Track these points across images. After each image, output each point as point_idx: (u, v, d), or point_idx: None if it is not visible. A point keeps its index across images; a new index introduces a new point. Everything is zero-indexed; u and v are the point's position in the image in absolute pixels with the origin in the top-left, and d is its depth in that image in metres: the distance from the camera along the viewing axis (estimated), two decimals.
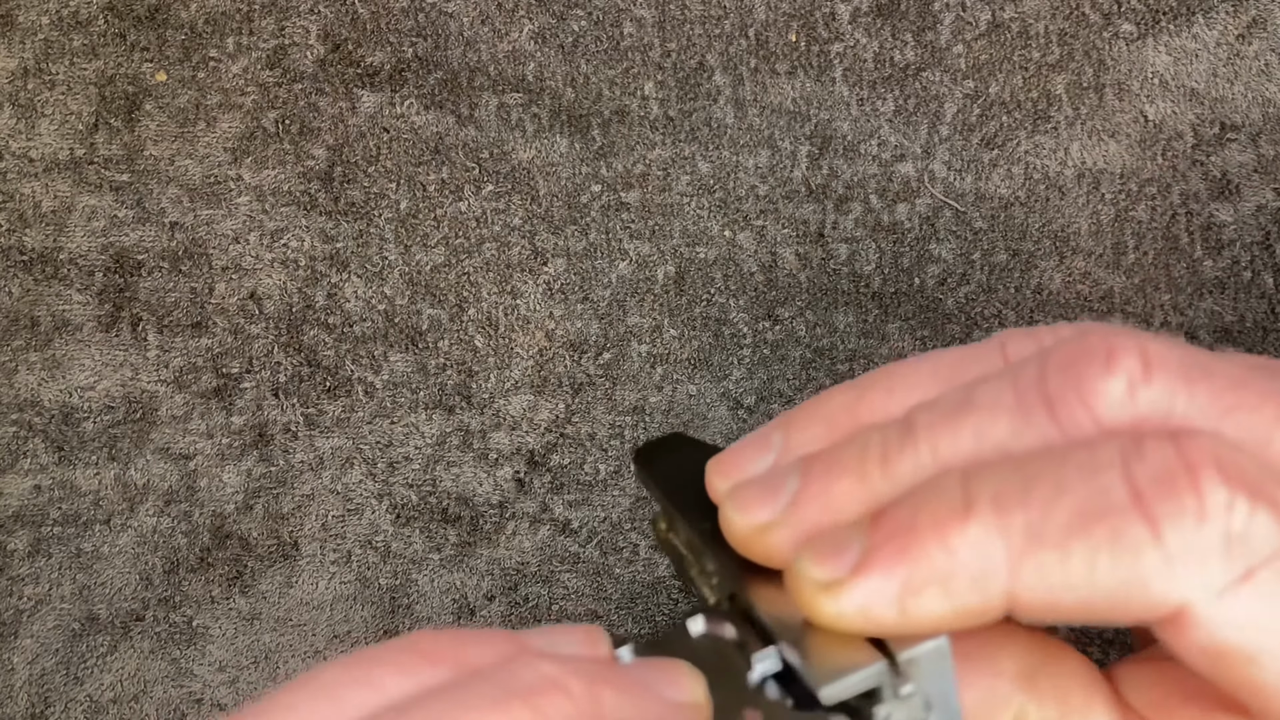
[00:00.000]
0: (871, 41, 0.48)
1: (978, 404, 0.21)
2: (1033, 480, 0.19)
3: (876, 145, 0.47)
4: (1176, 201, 0.46)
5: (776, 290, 0.47)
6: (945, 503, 0.20)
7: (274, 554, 0.46)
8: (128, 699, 0.46)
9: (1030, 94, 0.47)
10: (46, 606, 0.46)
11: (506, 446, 0.46)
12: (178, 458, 0.47)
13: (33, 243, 0.48)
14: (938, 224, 0.47)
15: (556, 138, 0.48)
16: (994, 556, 0.19)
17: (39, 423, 0.47)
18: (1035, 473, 0.20)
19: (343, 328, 0.47)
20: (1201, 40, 0.47)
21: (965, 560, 0.19)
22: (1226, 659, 0.19)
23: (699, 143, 0.48)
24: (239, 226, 0.48)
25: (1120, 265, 0.46)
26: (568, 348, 0.47)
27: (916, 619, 0.20)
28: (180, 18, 0.49)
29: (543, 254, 0.47)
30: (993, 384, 0.21)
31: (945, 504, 0.20)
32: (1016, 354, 0.22)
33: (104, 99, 0.49)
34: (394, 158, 0.48)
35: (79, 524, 0.47)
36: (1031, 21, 0.47)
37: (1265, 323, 0.46)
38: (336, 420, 0.47)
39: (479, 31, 0.49)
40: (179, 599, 0.46)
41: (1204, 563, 0.18)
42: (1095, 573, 0.19)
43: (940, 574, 0.19)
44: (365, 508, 0.46)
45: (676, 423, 0.46)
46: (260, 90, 0.49)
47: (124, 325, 0.48)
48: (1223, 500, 0.18)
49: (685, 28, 0.48)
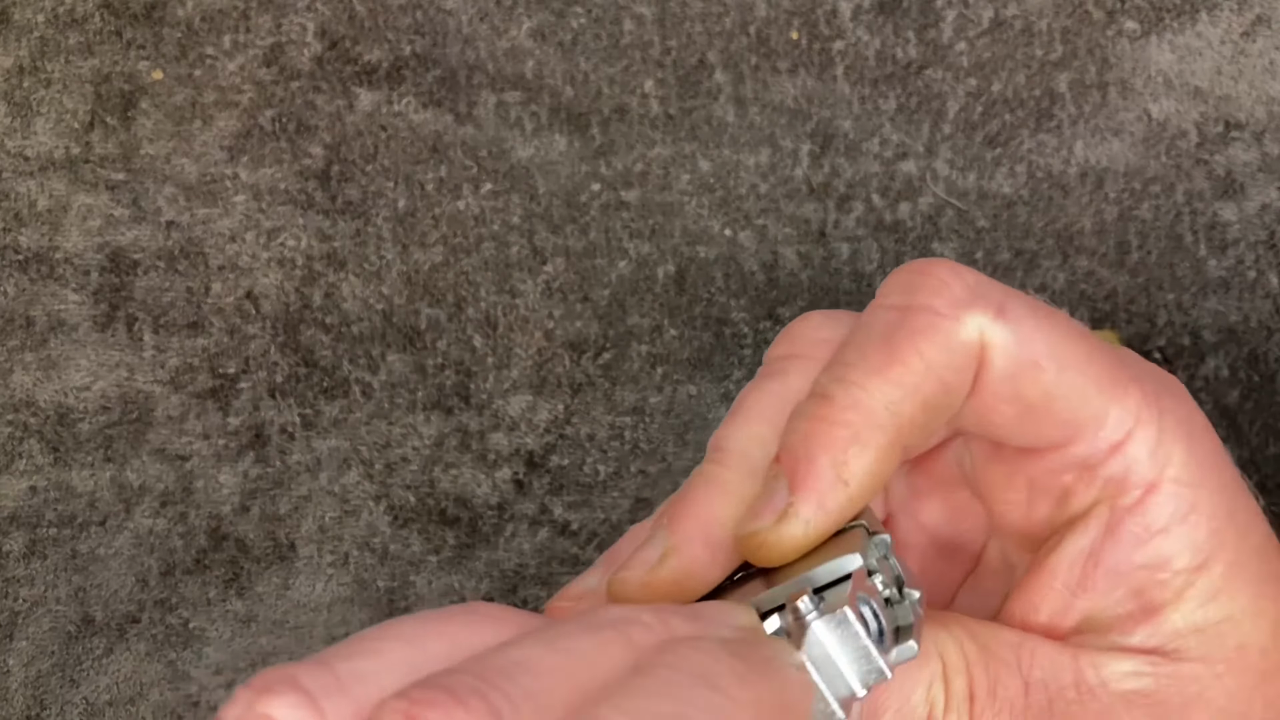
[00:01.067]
0: (873, 39, 0.47)
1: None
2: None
3: (878, 143, 0.47)
4: (1180, 200, 0.46)
5: (778, 290, 0.46)
6: (818, 436, 0.25)
7: (271, 556, 0.46)
8: (124, 701, 0.46)
9: (1033, 92, 0.47)
10: (42, 609, 0.46)
11: (505, 447, 0.46)
12: (174, 459, 0.47)
13: (28, 242, 0.48)
14: (940, 223, 0.46)
15: (555, 136, 0.48)
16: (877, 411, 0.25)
17: (34, 423, 0.47)
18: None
19: (340, 328, 0.47)
20: (1206, 38, 0.47)
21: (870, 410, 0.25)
22: (1022, 375, 0.25)
23: (699, 141, 0.47)
24: (235, 225, 0.48)
25: (1124, 264, 0.46)
26: (567, 348, 0.47)
27: (857, 477, 0.24)
28: (176, 15, 0.49)
29: (542, 253, 0.47)
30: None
31: (818, 434, 0.24)
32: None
33: (100, 97, 0.49)
34: (392, 156, 0.48)
35: (75, 525, 0.46)
36: (1034, 19, 0.47)
37: (1270, 322, 0.46)
38: (334, 421, 0.47)
39: (477, 29, 0.48)
40: (175, 601, 0.46)
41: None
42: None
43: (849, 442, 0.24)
44: (363, 509, 0.46)
45: (677, 423, 0.46)
46: (257, 88, 0.48)
47: (120, 325, 0.47)
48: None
49: (685, 25, 0.48)
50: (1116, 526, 0.26)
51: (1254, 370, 0.45)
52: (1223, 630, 0.26)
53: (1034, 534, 0.28)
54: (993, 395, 0.25)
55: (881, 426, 0.24)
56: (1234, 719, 0.26)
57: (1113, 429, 0.26)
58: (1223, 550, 0.26)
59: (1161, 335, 0.46)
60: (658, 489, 0.46)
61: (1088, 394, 0.26)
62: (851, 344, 0.26)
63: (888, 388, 0.24)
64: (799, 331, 0.28)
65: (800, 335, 0.28)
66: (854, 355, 0.25)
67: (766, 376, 0.28)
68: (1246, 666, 0.26)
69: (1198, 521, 0.26)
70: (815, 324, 0.28)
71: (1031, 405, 0.25)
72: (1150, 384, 0.27)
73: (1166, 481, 0.26)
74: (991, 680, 0.25)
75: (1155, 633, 0.26)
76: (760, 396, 0.27)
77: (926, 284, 0.25)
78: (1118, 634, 0.26)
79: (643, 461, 0.46)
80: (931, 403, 0.25)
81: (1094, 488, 0.26)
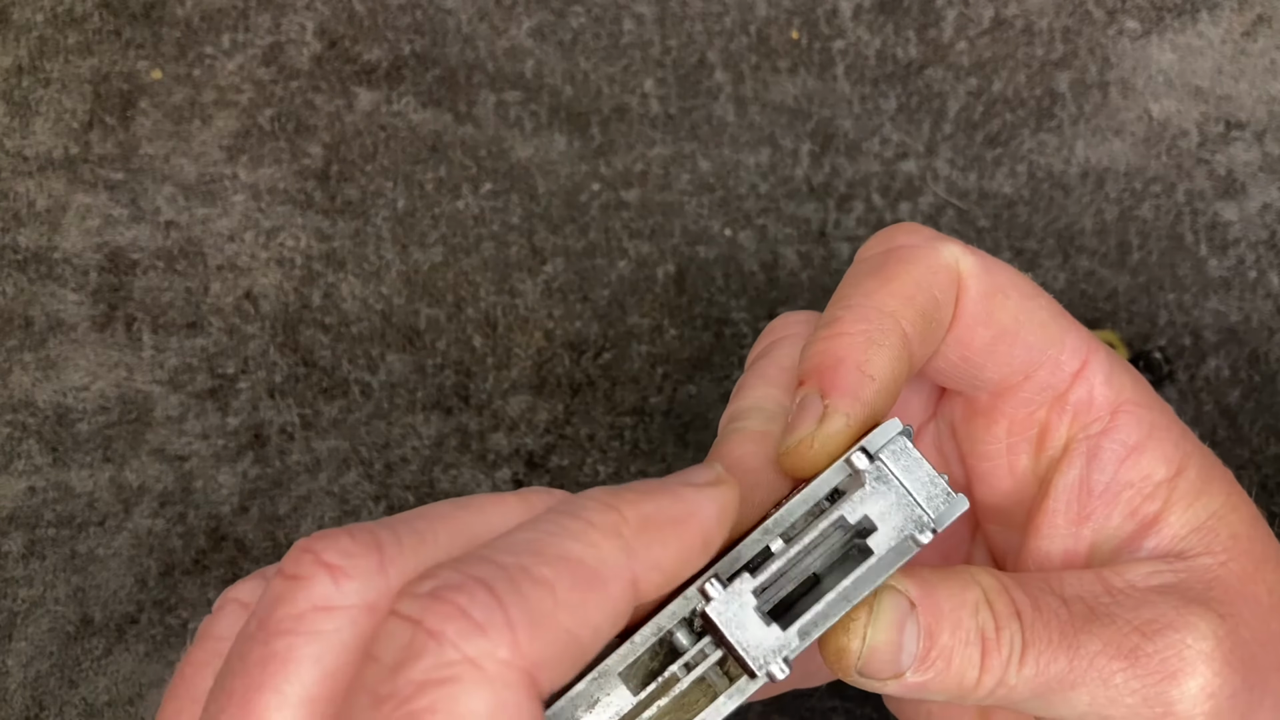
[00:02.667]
0: (874, 38, 0.47)
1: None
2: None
3: (879, 143, 0.47)
4: (1181, 200, 0.46)
5: (778, 290, 0.46)
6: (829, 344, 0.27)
7: (270, 556, 0.46)
8: (123, 702, 0.45)
9: (1034, 91, 0.47)
10: (41, 609, 0.46)
11: (505, 448, 0.46)
12: (173, 459, 0.47)
13: (27, 241, 0.48)
14: (941, 223, 0.46)
15: (555, 135, 0.47)
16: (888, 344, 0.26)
17: (33, 424, 0.47)
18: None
19: (339, 328, 0.47)
20: (1206, 37, 0.46)
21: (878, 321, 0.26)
22: (992, 298, 0.27)
23: (699, 140, 0.47)
24: (234, 225, 0.48)
25: (1125, 264, 0.46)
26: (567, 348, 0.47)
27: (881, 370, 0.25)
28: (175, 14, 0.49)
29: (541, 253, 0.47)
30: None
31: (837, 345, 0.26)
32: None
33: (99, 96, 0.48)
34: (391, 156, 0.48)
35: (74, 526, 0.46)
36: (1035, 18, 0.47)
37: (1271, 322, 0.45)
38: (333, 421, 0.47)
39: (477, 28, 0.48)
40: (174, 601, 0.46)
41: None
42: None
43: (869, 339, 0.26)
44: (362, 509, 0.46)
45: (677, 423, 0.46)
46: (256, 87, 0.48)
47: (119, 325, 0.47)
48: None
49: (685, 24, 0.48)
50: (1096, 451, 0.28)
51: (1254, 370, 0.45)
52: (1213, 525, 0.28)
53: (1020, 497, 0.30)
54: (970, 318, 0.28)
55: (890, 330, 0.26)
56: (1248, 598, 0.28)
57: (1071, 356, 0.28)
58: (1189, 458, 0.29)
59: (1162, 335, 0.46)
60: None
61: (1046, 321, 0.28)
62: (846, 283, 0.28)
63: (888, 300, 0.26)
64: (774, 325, 0.31)
65: (776, 327, 0.30)
66: (849, 289, 0.27)
67: (755, 360, 0.30)
68: (1242, 551, 0.28)
69: (1161, 436, 0.28)
70: (789, 317, 0.31)
71: (1003, 329, 0.28)
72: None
73: (1126, 403, 0.28)
74: (1033, 598, 0.26)
75: (1160, 540, 0.28)
76: (756, 370, 0.29)
77: (901, 230, 0.28)
78: (1128, 551, 0.28)
79: (643, 461, 0.46)
80: (927, 313, 0.27)
81: (1065, 418, 0.29)
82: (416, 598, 0.19)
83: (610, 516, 0.21)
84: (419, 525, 0.21)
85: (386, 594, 0.20)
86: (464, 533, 0.21)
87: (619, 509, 0.21)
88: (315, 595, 0.19)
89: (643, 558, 0.21)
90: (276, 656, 0.19)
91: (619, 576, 0.20)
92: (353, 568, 0.19)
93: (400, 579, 0.20)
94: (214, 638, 0.21)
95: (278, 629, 0.19)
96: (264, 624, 0.19)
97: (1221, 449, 0.45)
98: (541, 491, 0.23)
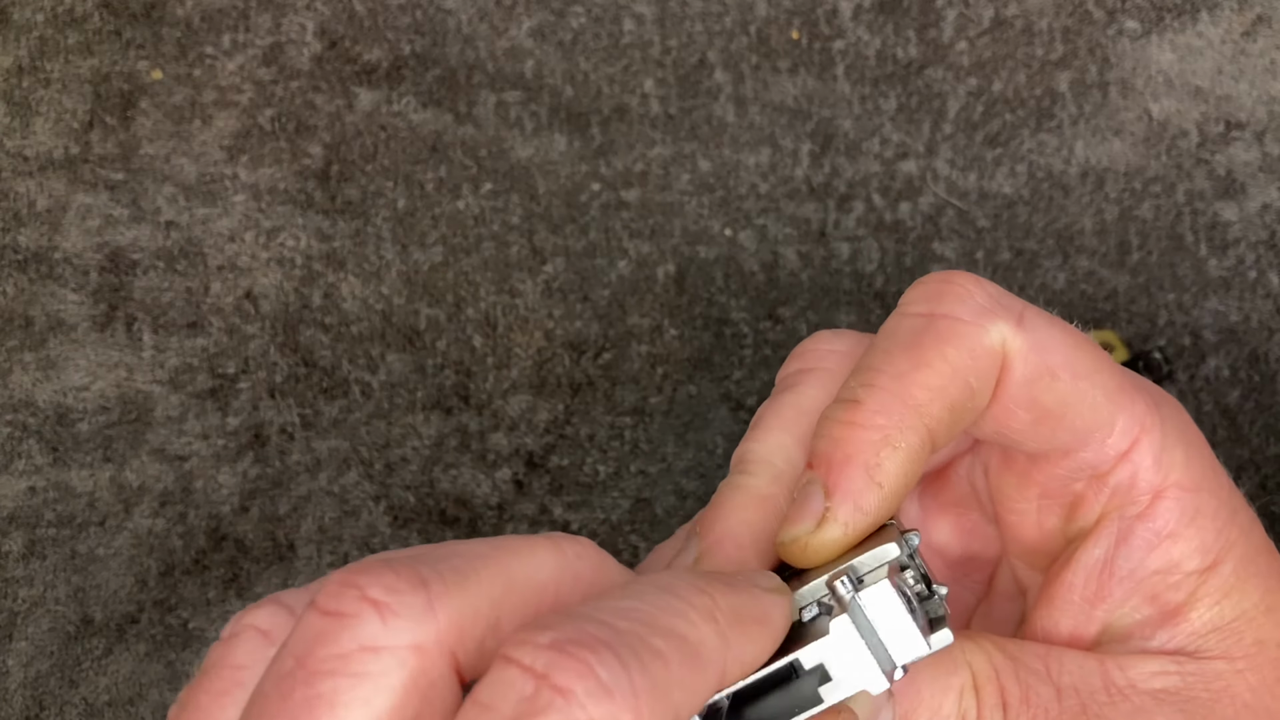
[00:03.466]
0: (874, 38, 0.47)
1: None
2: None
3: (879, 143, 0.47)
4: (1181, 200, 0.46)
5: (778, 290, 0.46)
6: (849, 437, 0.25)
7: (270, 556, 0.46)
8: (123, 702, 0.45)
9: (1034, 91, 0.47)
10: (41, 609, 0.46)
11: (505, 447, 0.46)
12: (173, 459, 0.47)
13: (27, 241, 0.48)
14: (941, 223, 0.46)
15: (555, 135, 0.47)
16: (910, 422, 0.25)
17: (34, 423, 0.47)
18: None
19: (339, 328, 0.47)
20: (1206, 38, 0.46)
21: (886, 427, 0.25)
22: (1039, 382, 0.26)
23: (699, 141, 0.47)
24: (235, 225, 0.48)
25: (1125, 264, 0.46)
26: (567, 348, 0.47)
27: (890, 478, 0.24)
28: (176, 14, 0.49)
29: (541, 253, 0.47)
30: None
31: (850, 438, 0.25)
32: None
33: (99, 97, 0.48)
34: (391, 156, 0.48)
35: (74, 526, 0.46)
36: (1035, 18, 0.47)
37: (1270, 322, 0.45)
38: (333, 421, 0.47)
39: (477, 28, 0.48)
40: (175, 601, 0.46)
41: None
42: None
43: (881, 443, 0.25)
44: (362, 509, 0.46)
45: (677, 423, 0.46)
46: (256, 88, 0.48)
47: (119, 325, 0.47)
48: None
49: (686, 24, 0.48)
50: (1128, 534, 0.27)
51: (1254, 370, 0.45)
52: (1238, 627, 0.27)
53: (1045, 548, 0.29)
54: (1011, 401, 0.26)
55: (911, 428, 0.25)
56: (1259, 713, 0.27)
57: (1120, 436, 0.27)
58: (1230, 550, 0.27)
59: (1162, 335, 0.46)
60: (658, 489, 0.46)
61: (1098, 402, 0.27)
62: (877, 349, 0.26)
63: (916, 390, 0.25)
64: (808, 347, 0.29)
65: (810, 350, 0.29)
66: (880, 360, 0.26)
67: (781, 391, 0.29)
68: (1265, 661, 0.27)
69: (1204, 524, 0.27)
70: (824, 339, 0.29)
71: (1047, 411, 0.26)
72: (1151, 394, 0.28)
73: (1171, 487, 0.27)
74: (1023, 688, 0.26)
75: (1175, 634, 0.27)
76: (778, 409, 0.28)
77: (950, 292, 0.26)
78: (1139, 639, 0.27)
79: (643, 461, 0.46)
80: (957, 406, 0.26)
81: (1103, 495, 0.27)
82: (539, 649, 0.18)
83: (705, 601, 0.20)
84: (457, 564, 0.20)
85: (435, 635, 0.19)
86: (504, 575, 0.20)
87: (712, 595, 0.21)
88: (362, 635, 0.19)
89: (735, 650, 0.20)
90: (323, 699, 0.18)
91: (715, 662, 0.20)
92: (400, 605, 0.19)
93: (449, 620, 0.19)
94: (233, 666, 0.21)
95: (321, 668, 0.18)
96: (304, 662, 0.19)
97: (1221, 449, 0.45)
98: (572, 539, 0.23)
